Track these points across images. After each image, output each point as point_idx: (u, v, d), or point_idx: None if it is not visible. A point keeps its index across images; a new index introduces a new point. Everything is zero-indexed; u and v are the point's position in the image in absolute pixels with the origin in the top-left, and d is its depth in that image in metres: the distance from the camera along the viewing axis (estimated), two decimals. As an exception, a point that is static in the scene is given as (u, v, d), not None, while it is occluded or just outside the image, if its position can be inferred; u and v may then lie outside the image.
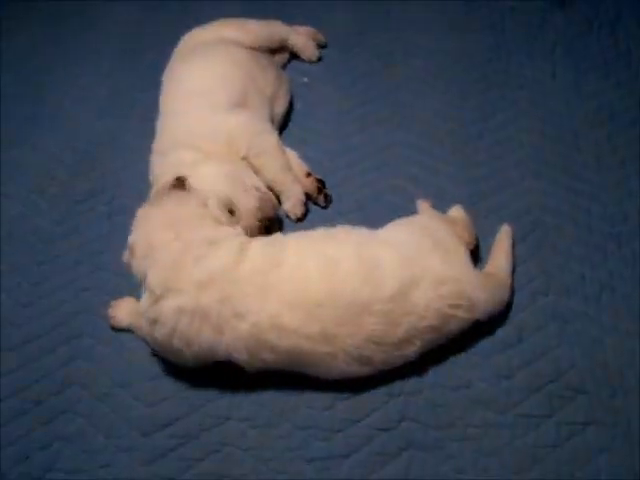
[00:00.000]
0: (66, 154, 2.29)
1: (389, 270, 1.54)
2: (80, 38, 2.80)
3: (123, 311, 1.81)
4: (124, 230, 1.99)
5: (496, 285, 1.67)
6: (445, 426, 1.55)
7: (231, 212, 1.86)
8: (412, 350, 1.56)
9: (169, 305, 1.55)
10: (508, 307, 1.70)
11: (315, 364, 1.56)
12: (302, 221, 1.99)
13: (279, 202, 2.00)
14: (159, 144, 2.06)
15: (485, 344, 1.66)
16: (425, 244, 1.62)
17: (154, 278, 1.58)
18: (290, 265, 1.57)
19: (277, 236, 1.72)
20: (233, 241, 1.63)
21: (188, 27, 2.37)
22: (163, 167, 1.96)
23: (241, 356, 1.56)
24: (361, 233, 1.66)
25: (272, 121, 2.15)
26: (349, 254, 1.57)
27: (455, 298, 1.56)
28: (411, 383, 1.61)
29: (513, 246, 1.79)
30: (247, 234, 1.85)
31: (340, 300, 1.52)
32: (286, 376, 1.63)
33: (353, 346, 1.52)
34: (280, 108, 2.23)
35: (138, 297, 1.72)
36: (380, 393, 1.61)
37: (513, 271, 1.75)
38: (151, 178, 2.01)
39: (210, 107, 2.05)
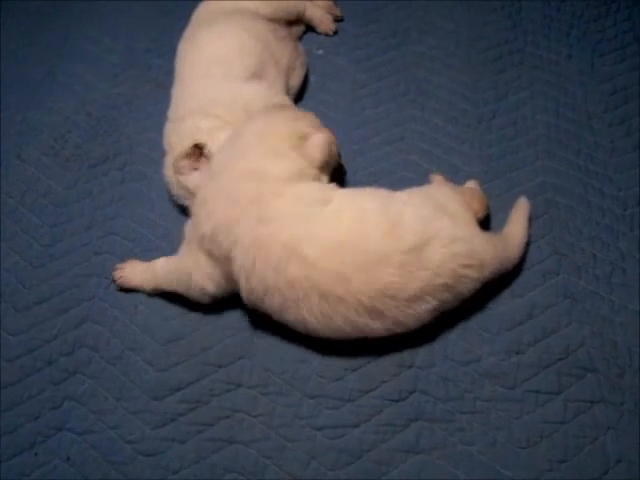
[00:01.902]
0: (81, 118, 2.28)
1: (409, 225, 1.55)
2: (97, 2, 2.78)
3: (133, 270, 1.81)
4: (136, 196, 2.03)
5: (505, 245, 1.69)
6: (455, 399, 1.56)
7: None
8: (424, 309, 1.55)
9: None
10: (518, 273, 1.74)
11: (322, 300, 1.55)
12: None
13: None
14: (174, 111, 2.05)
15: (496, 320, 1.67)
16: (434, 209, 1.63)
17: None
18: (332, 209, 1.59)
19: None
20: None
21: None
22: (179, 134, 1.95)
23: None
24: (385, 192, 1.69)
25: (287, 93, 2.15)
26: (377, 207, 1.59)
27: (466, 257, 1.57)
28: (422, 356, 1.63)
29: (529, 220, 1.81)
30: None
31: (362, 246, 1.53)
32: (297, 346, 1.66)
33: (366, 295, 1.51)
34: (296, 80, 2.23)
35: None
36: (391, 365, 1.62)
37: (528, 244, 1.78)
38: (165, 146, 2.00)
39: (227, 76, 2.04)
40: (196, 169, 1.86)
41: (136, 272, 1.81)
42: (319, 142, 1.73)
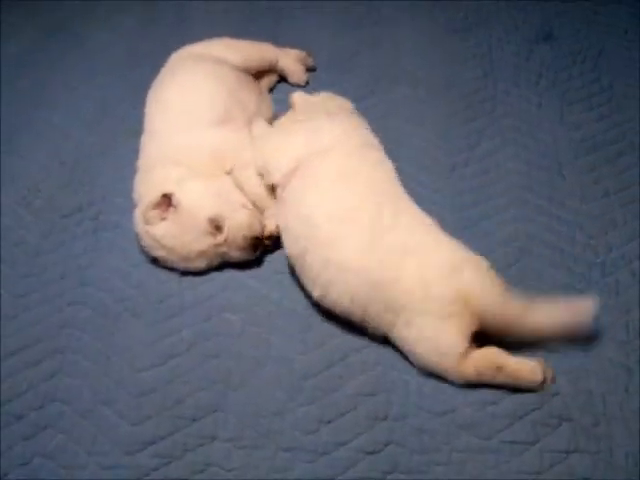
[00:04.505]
0: (54, 167, 2.28)
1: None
2: (73, 51, 2.81)
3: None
4: (110, 245, 2.02)
5: None
6: (430, 451, 1.55)
7: (218, 228, 1.86)
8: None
9: None
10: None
11: None
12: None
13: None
14: (143, 162, 2.06)
15: (470, 370, 1.67)
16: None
17: None
18: None
19: None
20: None
21: (181, 44, 2.39)
22: (147, 185, 1.96)
23: None
24: None
25: None
26: None
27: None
28: (396, 408, 1.61)
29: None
30: (232, 252, 1.87)
31: None
32: (270, 398, 1.65)
33: None
34: None
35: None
36: (365, 417, 1.61)
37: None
38: (135, 197, 2.00)
39: (194, 123, 2.06)
40: (164, 219, 1.87)
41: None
42: None
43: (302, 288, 1.83)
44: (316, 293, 1.73)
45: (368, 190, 1.78)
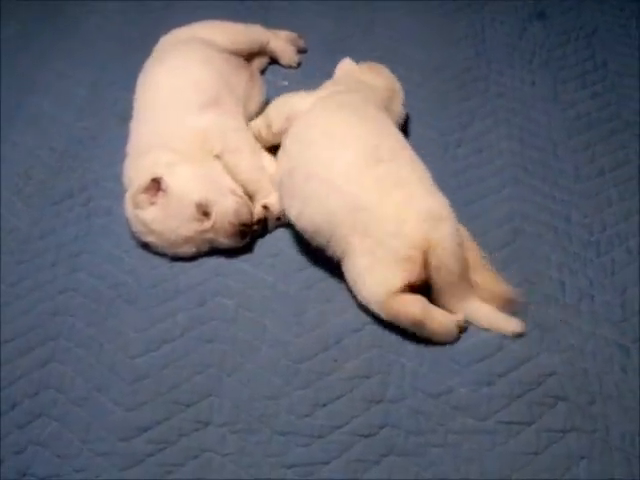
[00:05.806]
0: (45, 154, 2.26)
1: None
2: (64, 37, 2.78)
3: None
4: (102, 231, 2.00)
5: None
6: (426, 432, 1.54)
7: (206, 214, 1.85)
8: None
9: None
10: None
11: None
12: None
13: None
14: (132, 146, 2.04)
15: (466, 352, 1.65)
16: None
17: None
18: None
19: None
20: None
21: (172, 28, 2.37)
22: (137, 169, 1.95)
23: None
24: None
25: (246, 119, 2.14)
26: None
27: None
28: (392, 390, 1.61)
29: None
30: (220, 238, 1.86)
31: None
32: (265, 382, 1.64)
33: None
34: (253, 107, 2.21)
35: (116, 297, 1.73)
36: (360, 400, 1.60)
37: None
38: (125, 181, 1.99)
39: (182, 107, 2.04)
40: (153, 203, 1.85)
41: None
42: None
43: (295, 270, 1.84)
44: (295, 207, 1.78)
45: (371, 125, 1.84)
